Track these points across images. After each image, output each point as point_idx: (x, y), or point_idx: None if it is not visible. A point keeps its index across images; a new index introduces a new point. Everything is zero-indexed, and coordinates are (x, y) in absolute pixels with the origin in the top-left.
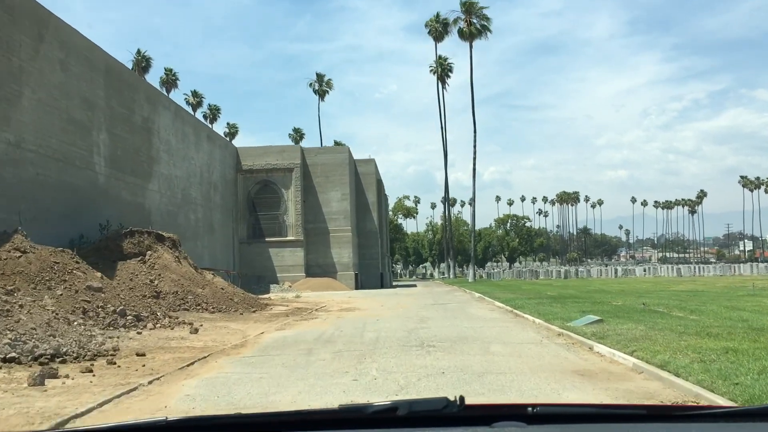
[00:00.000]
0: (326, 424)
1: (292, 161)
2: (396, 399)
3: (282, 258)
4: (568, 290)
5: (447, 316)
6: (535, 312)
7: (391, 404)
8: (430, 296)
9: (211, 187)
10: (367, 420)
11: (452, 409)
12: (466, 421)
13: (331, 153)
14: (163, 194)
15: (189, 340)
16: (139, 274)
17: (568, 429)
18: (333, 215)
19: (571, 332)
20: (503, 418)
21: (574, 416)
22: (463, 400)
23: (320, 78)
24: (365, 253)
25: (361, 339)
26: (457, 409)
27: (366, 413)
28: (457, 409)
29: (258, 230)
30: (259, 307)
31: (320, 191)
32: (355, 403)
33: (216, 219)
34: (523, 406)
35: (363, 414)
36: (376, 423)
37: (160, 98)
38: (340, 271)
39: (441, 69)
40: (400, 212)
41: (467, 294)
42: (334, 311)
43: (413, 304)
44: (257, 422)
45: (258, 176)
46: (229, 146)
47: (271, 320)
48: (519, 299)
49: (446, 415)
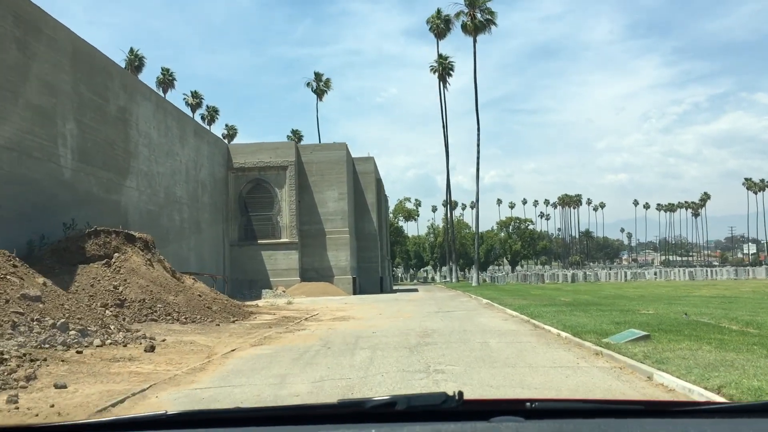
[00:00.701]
0: (325, 419)
1: (286, 159)
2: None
3: (275, 261)
4: (582, 295)
5: (455, 328)
6: (557, 323)
7: (389, 399)
8: (433, 302)
9: (198, 185)
10: (365, 414)
11: (451, 404)
12: (464, 416)
13: (327, 150)
14: (143, 192)
15: (138, 361)
16: (101, 279)
17: (566, 424)
18: (329, 216)
19: (614, 352)
20: (501, 413)
21: (572, 411)
22: (461, 395)
23: (318, 77)
24: (364, 256)
25: (352, 360)
26: (456, 404)
27: (365, 408)
28: (456, 404)
29: (250, 232)
30: (242, 316)
31: (316, 190)
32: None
33: (204, 220)
34: (521, 401)
35: (362, 408)
36: (374, 417)
37: (139, 87)
38: (337, 275)
39: (442, 68)
40: (401, 214)
41: (473, 300)
42: (325, 321)
43: (415, 312)
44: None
45: (250, 174)
46: (218, 143)
47: (250, 332)
48: (532, 306)
49: (445, 409)
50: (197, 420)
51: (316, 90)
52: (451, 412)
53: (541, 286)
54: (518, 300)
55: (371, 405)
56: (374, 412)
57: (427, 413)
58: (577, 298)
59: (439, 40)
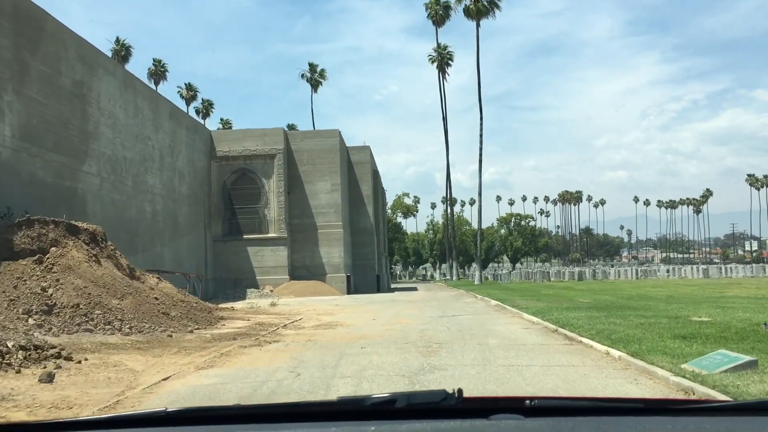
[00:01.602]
0: (325, 416)
1: (274, 146)
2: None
3: (262, 258)
4: (601, 295)
5: (466, 341)
6: (596, 334)
7: (389, 396)
8: (435, 304)
9: (175, 174)
10: (365, 412)
11: (450, 402)
12: (464, 413)
13: (319, 137)
14: (105, 179)
15: (13, 401)
16: (28, 279)
17: (566, 422)
18: (321, 209)
19: (718, 393)
20: (501, 411)
21: (572, 409)
22: (461, 393)
23: (313, 68)
24: (359, 252)
25: (326, 396)
26: (455, 401)
27: (364, 405)
28: (455, 401)
29: (235, 226)
30: (207, 324)
31: (307, 181)
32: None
33: (182, 212)
34: (520, 399)
35: (361, 406)
36: (374, 415)
37: (101, 60)
38: (329, 273)
39: (441, 58)
40: (399, 210)
41: (480, 300)
42: (307, 329)
43: (415, 317)
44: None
45: (235, 164)
46: (199, 128)
47: (205, 347)
48: (552, 309)
49: (444, 407)
50: (197, 417)
51: (311, 81)
52: (451, 409)
53: (548, 285)
54: (531, 301)
55: (371, 402)
56: (374, 409)
57: (427, 411)
58: (598, 299)
59: (438, 27)
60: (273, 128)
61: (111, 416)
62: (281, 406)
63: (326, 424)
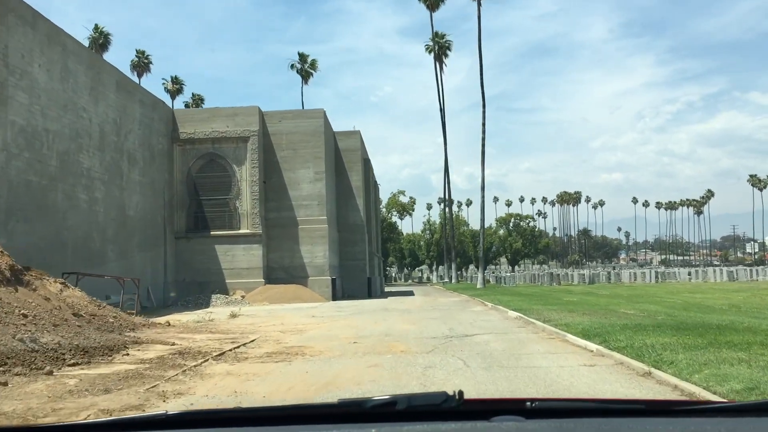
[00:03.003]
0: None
1: (248, 128)
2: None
3: (233, 258)
4: (642, 304)
5: (505, 395)
6: (747, 387)
7: (390, 398)
8: (437, 315)
9: (123, 157)
10: (366, 414)
11: (451, 404)
12: (464, 415)
13: (300, 118)
14: (16, 155)
15: None
16: None
17: (567, 423)
18: (303, 201)
19: None
20: (502, 413)
21: (573, 411)
22: (462, 395)
23: (303, 58)
24: (348, 252)
25: None
26: (456, 403)
27: (365, 407)
28: (456, 403)
29: (201, 220)
30: (105, 352)
31: (286, 168)
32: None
33: (132, 203)
34: (521, 400)
35: (362, 408)
36: (375, 417)
37: (12, 4)
38: (312, 276)
39: (438, 47)
40: (395, 209)
41: (492, 309)
42: (250, 361)
43: (413, 339)
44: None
45: (201, 147)
46: (158, 105)
47: (27, 414)
48: (605, 328)
49: (445, 409)
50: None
51: (301, 72)
52: (452, 411)
53: (563, 289)
54: (561, 312)
55: (372, 404)
56: (374, 411)
57: (428, 413)
58: (646, 309)
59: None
60: (246, 107)
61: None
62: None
63: (327, 427)
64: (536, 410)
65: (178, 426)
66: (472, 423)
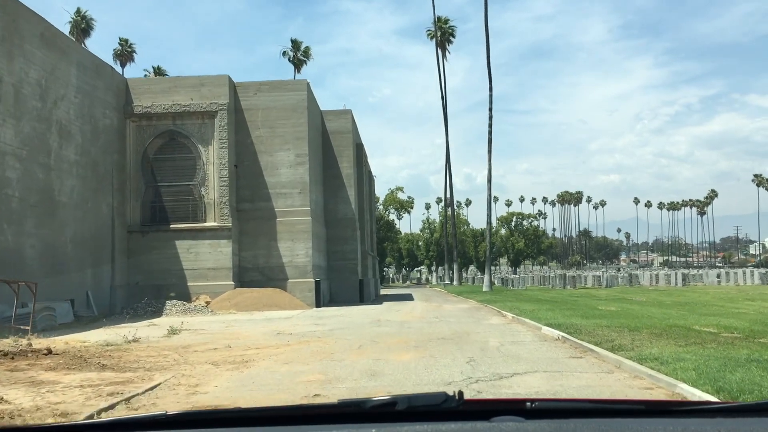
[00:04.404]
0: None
1: (216, 101)
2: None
3: (197, 257)
4: (719, 317)
5: None
6: None
7: (390, 399)
8: (446, 330)
9: (51, 129)
10: (366, 414)
11: (451, 404)
12: (464, 415)
13: (279, 90)
14: None
15: None
16: None
17: (566, 424)
18: (282, 189)
19: None
20: (502, 413)
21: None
22: (462, 395)
23: (296, 45)
24: (337, 250)
25: None
26: (456, 404)
27: (365, 408)
28: (456, 404)
29: (159, 211)
30: None
31: (262, 151)
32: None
33: (66, 187)
34: (521, 401)
35: (362, 408)
36: (375, 417)
37: None
38: (292, 278)
39: (441, 33)
40: (392, 206)
41: (514, 322)
42: None
43: (415, 381)
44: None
45: (160, 124)
46: (105, 71)
47: None
48: (719, 360)
49: (445, 409)
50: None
51: (293, 60)
52: (452, 411)
53: (582, 294)
54: (621, 332)
55: (372, 405)
56: (375, 411)
57: (428, 413)
58: (732, 325)
59: None
60: (214, 75)
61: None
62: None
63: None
64: (536, 410)
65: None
66: (472, 423)
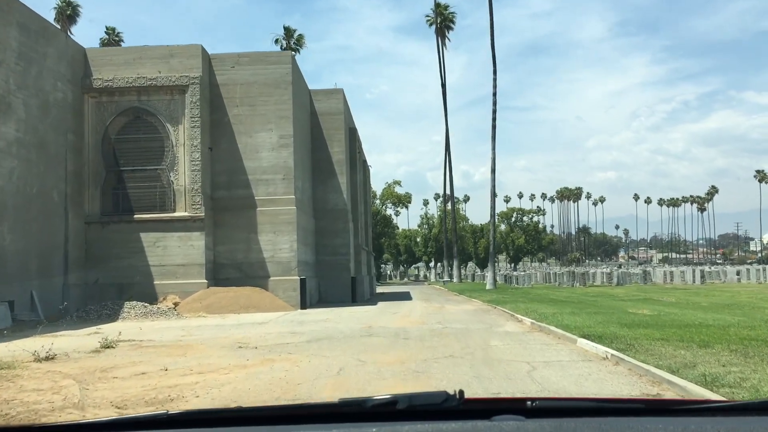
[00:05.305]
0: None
1: (187, 73)
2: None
3: (165, 251)
4: None
5: None
6: None
7: (390, 398)
8: (453, 345)
9: None
10: (367, 414)
11: (452, 403)
12: (465, 414)
13: (260, 63)
14: None
15: None
16: None
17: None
18: (263, 175)
19: None
20: (502, 412)
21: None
22: (462, 394)
23: (289, 33)
24: (326, 244)
25: None
26: (457, 403)
27: (366, 407)
28: (457, 403)
29: (122, 199)
30: None
31: (241, 131)
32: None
33: (5, 171)
34: (522, 400)
35: (363, 408)
36: (375, 417)
37: None
38: (275, 275)
39: (441, 19)
40: (390, 201)
41: (535, 330)
42: None
43: None
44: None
45: (123, 100)
46: (55, 36)
47: None
48: None
49: (446, 408)
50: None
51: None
52: (453, 411)
53: (599, 293)
54: (687, 349)
55: (372, 404)
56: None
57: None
58: None
59: None
60: (185, 45)
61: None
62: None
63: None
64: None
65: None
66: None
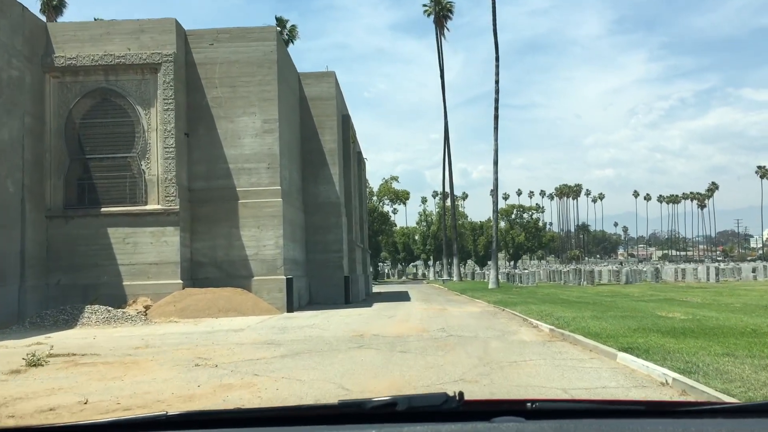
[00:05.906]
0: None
1: (159, 51)
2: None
3: (136, 249)
4: None
5: None
6: None
7: (390, 399)
8: (461, 356)
9: None
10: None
11: (451, 405)
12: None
13: (242, 40)
14: None
15: None
16: None
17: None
18: (246, 164)
19: None
20: (502, 414)
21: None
22: (462, 396)
23: (282, 24)
24: (317, 241)
25: None
26: (456, 404)
27: (365, 408)
28: (456, 404)
29: (88, 191)
30: None
31: (221, 116)
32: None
33: None
34: (522, 401)
35: (362, 409)
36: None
37: None
38: (259, 275)
39: (439, 9)
40: (387, 197)
41: (557, 339)
42: None
43: None
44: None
45: (89, 80)
46: (10, 8)
47: None
48: None
49: (445, 410)
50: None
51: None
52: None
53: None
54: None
55: (372, 405)
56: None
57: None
58: None
59: None
60: (157, 19)
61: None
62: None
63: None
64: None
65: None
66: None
